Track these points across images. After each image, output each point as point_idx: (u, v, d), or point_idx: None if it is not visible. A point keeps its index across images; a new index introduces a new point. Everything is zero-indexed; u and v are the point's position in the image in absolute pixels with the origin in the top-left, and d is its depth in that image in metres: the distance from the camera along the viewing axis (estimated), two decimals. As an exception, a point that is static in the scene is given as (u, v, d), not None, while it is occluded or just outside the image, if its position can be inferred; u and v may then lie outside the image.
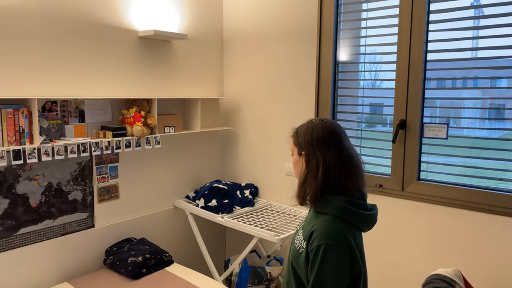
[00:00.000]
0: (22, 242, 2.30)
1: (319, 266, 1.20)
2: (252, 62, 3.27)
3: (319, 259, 1.21)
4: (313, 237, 1.25)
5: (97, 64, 2.56)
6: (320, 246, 1.21)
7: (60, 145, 2.24)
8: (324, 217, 1.28)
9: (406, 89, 2.50)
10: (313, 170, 1.32)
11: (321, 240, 1.22)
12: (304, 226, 1.38)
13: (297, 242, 1.36)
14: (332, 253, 1.20)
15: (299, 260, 1.31)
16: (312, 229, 1.27)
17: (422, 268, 2.54)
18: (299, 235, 1.38)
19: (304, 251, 1.29)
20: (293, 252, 1.36)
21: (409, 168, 2.53)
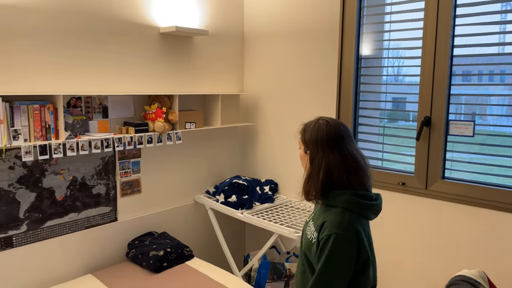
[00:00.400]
0: (49, 234, 2.37)
1: (328, 253, 1.29)
2: (273, 58, 3.25)
3: (328, 247, 1.29)
4: (323, 228, 1.35)
5: (120, 60, 2.60)
6: (330, 235, 1.30)
7: (84, 140, 2.29)
8: (334, 210, 1.37)
9: (431, 85, 2.44)
10: (315, 170, 1.40)
11: (331, 230, 1.31)
12: (314, 218, 1.47)
13: (309, 233, 1.44)
14: (341, 242, 1.29)
15: (312, 250, 1.39)
16: (323, 220, 1.37)
17: (445, 269, 2.49)
18: (310, 226, 1.46)
19: (316, 241, 1.37)
20: (306, 243, 1.44)
21: (433, 166, 2.48)
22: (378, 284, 2.79)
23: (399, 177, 2.63)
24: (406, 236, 2.63)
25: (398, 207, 2.65)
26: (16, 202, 2.22)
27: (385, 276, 2.76)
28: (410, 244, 2.62)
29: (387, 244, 2.73)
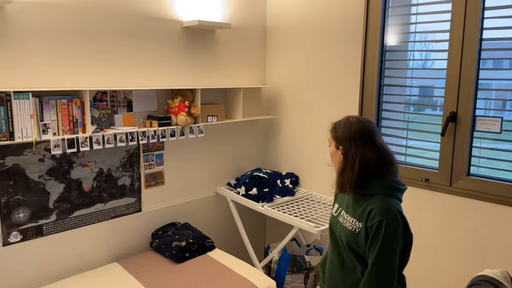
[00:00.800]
0: (76, 223, 2.47)
1: (383, 236, 1.41)
2: (295, 51, 3.23)
3: (382, 231, 1.42)
4: (371, 215, 1.45)
5: (143, 55, 2.64)
6: (381, 221, 1.42)
7: (110, 134, 2.35)
8: (376, 197, 1.48)
9: (457, 80, 2.37)
10: (350, 163, 1.52)
11: (381, 215, 1.43)
12: (348, 210, 1.57)
13: (348, 225, 1.53)
14: (392, 224, 1.43)
15: (359, 239, 1.49)
16: (369, 208, 1.47)
17: (468, 268, 2.45)
18: (346, 218, 1.56)
19: (363, 230, 1.48)
20: (348, 234, 1.52)
21: (458, 163, 2.42)
22: (398, 279, 2.78)
23: (422, 172, 2.58)
24: (428, 233, 2.60)
25: (421, 204, 2.61)
26: (46, 192, 2.32)
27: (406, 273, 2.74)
28: (432, 242, 2.58)
29: (408, 240, 2.70)
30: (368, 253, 1.47)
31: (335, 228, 1.62)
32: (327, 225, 2.59)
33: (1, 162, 2.15)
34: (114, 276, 2.39)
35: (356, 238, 1.50)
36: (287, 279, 2.94)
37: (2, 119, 1.98)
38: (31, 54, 2.18)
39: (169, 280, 2.33)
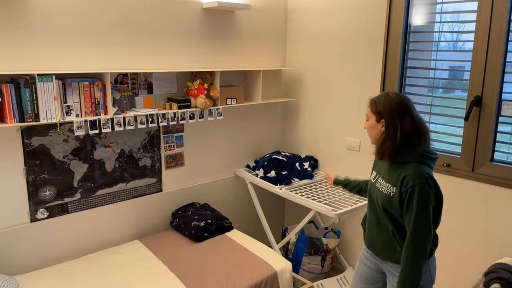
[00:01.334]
0: (100, 202, 2.56)
1: (418, 198, 1.61)
2: (317, 32, 3.17)
3: (416, 194, 1.61)
4: (406, 181, 1.64)
5: (163, 37, 2.66)
6: (415, 185, 1.61)
7: (131, 116, 2.40)
8: (410, 165, 1.67)
9: (484, 63, 2.28)
10: (391, 135, 1.69)
11: (414, 180, 1.62)
12: (385, 177, 1.77)
13: (384, 190, 1.74)
14: (423, 187, 1.61)
15: (393, 202, 1.69)
16: (402, 175, 1.66)
17: (487, 255, 2.41)
18: (382, 183, 1.77)
19: (397, 194, 1.68)
20: (383, 198, 1.73)
21: (481, 148, 2.36)
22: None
23: (444, 158, 2.53)
24: (448, 219, 2.56)
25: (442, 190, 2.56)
26: (71, 172, 2.41)
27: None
28: (453, 228, 2.55)
29: (427, 226, 2.67)
30: (405, 216, 1.66)
31: (373, 193, 1.82)
32: (344, 209, 2.59)
33: (27, 142, 2.24)
34: (136, 253, 2.48)
35: (390, 201, 1.70)
36: (304, 261, 2.98)
37: (28, 101, 2.05)
38: (54, 37, 2.23)
39: (188, 259, 2.40)
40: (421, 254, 1.63)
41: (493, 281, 1.69)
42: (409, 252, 1.64)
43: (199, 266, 2.32)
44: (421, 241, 1.63)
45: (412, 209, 1.63)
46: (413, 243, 1.63)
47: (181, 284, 2.14)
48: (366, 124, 1.80)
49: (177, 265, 2.33)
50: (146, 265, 2.33)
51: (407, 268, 1.65)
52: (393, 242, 1.74)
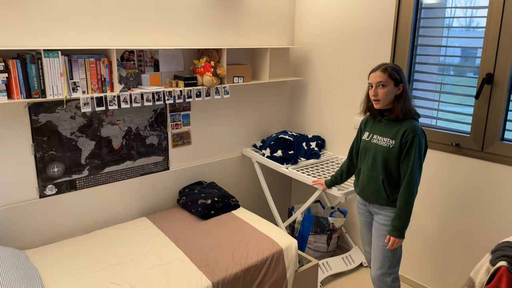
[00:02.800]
0: (107, 179, 2.58)
1: (416, 147, 1.96)
2: (326, 9, 3.10)
3: (415, 144, 1.96)
4: (406, 133, 1.98)
5: (169, 14, 2.62)
6: (414, 136, 1.96)
7: (137, 93, 2.40)
8: (407, 121, 2.01)
9: (497, 39, 2.22)
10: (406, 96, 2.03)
11: (414, 133, 1.97)
12: (382, 133, 2.08)
13: (383, 144, 2.05)
14: (420, 138, 1.98)
15: (392, 152, 2.02)
16: (403, 129, 2.00)
17: (495, 234, 2.39)
18: (379, 139, 2.08)
19: (396, 146, 2.01)
20: (383, 151, 2.05)
21: (492, 127, 2.31)
22: (429, 240, 2.76)
23: (453, 137, 2.50)
24: (457, 198, 2.54)
25: (450, 169, 2.54)
26: (78, 149, 2.43)
27: (432, 235, 2.72)
28: (461, 206, 2.53)
29: (437, 206, 2.66)
30: (403, 162, 2.00)
31: (369, 148, 2.13)
32: (350, 189, 2.58)
33: (35, 119, 2.25)
34: (143, 229, 2.51)
35: (389, 151, 2.03)
36: (310, 239, 2.99)
37: (34, 77, 2.05)
38: (60, 13, 2.21)
39: (194, 235, 2.42)
40: (415, 192, 2.00)
41: (500, 258, 1.68)
42: (407, 190, 1.98)
43: (206, 243, 2.34)
44: (416, 182, 1.99)
45: (410, 156, 1.98)
46: (411, 183, 1.98)
47: (187, 260, 2.17)
48: (382, 91, 2.01)
49: (183, 242, 2.35)
50: (153, 241, 2.36)
51: (403, 202, 2.00)
52: (381, 190, 2.08)
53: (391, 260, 2.14)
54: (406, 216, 2.01)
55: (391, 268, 2.16)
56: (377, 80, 2.01)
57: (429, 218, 2.70)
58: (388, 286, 2.18)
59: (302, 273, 2.44)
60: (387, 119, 2.08)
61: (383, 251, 2.13)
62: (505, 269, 1.60)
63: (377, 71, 2.03)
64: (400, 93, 2.02)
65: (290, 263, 2.34)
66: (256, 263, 2.20)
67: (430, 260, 2.74)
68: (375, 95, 2.03)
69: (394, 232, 2.03)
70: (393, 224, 2.04)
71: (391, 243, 2.05)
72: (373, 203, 2.16)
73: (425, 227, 2.73)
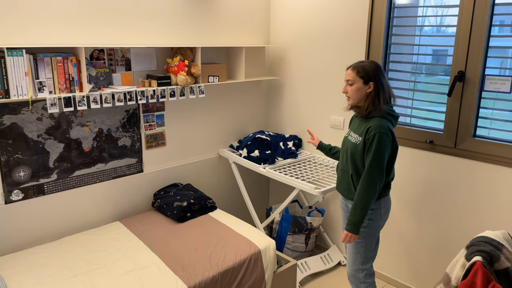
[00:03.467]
0: (78, 183, 2.48)
1: (376, 145, 1.96)
2: (301, 8, 3.10)
3: (375, 141, 1.96)
4: (369, 130, 1.98)
5: (142, 11, 2.55)
6: (376, 134, 1.95)
7: (108, 93, 2.31)
8: (374, 119, 2.01)
9: (468, 37, 2.26)
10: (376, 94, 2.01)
11: (376, 130, 1.96)
12: (355, 130, 2.10)
13: (353, 139, 2.08)
14: (382, 137, 1.96)
15: (358, 148, 2.04)
16: (368, 126, 2.00)
17: (470, 229, 2.44)
18: (352, 135, 2.11)
19: (361, 142, 2.02)
20: (351, 146, 2.07)
21: (464, 124, 2.35)
22: (405, 237, 2.79)
23: (427, 134, 2.53)
24: (431, 195, 2.58)
25: (425, 166, 2.57)
26: (46, 152, 2.32)
27: (407, 232, 2.74)
28: (436, 203, 2.56)
29: (413, 202, 2.68)
30: (366, 157, 2.00)
31: (344, 144, 2.16)
32: (328, 187, 2.57)
33: (-2, 121, 2.14)
34: (116, 234, 2.43)
35: (356, 148, 2.05)
36: (288, 239, 2.97)
37: (-4, 76, 1.94)
38: (25, 10, 2.11)
39: (170, 239, 2.36)
40: (372, 189, 1.99)
41: (475, 253, 1.70)
42: (362, 185, 2.00)
43: (182, 246, 2.28)
44: (373, 178, 1.98)
45: (370, 152, 1.98)
46: (367, 178, 1.99)
47: (163, 264, 2.11)
48: (350, 88, 2.04)
49: (158, 246, 2.29)
50: (127, 246, 2.28)
51: (359, 197, 2.01)
52: (350, 184, 2.10)
53: (363, 256, 2.15)
54: (360, 211, 2.00)
55: (363, 264, 2.17)
56: (347, 78, 2.06)
57: (405, 215, 2.73)
58: (361, 282, 2.19)
59: (281, 274, 2.41)
60: (360, 116, 2.11)
61: (354, 247, 2.15)
62: (480, 264, 1.62)
63: (348, 69, 2.07)
64: (371, 91, 2.02)
65: (268, 264, 2.31)
66: (233, 265, 2.16)
67: (406, 257, 2.77)
68: (345, 92, 2.08)
69: (349, 227, 2.04)
70: (348, 218, 2.05)
71: (344, 236, 2.05)
72: (347, 198, 2.18)
73: (401, 224, 2.76)
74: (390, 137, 1.99)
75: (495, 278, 1.62)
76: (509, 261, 1.70)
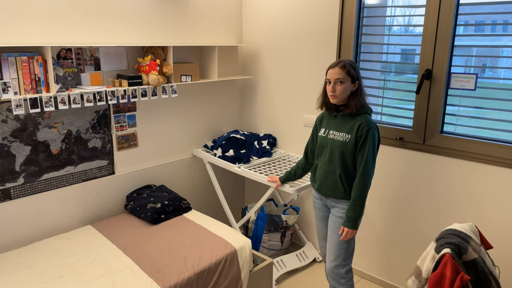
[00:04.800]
0: (46, 187, 2.40)
1: (370, 140, 2.03)
2: (273, 8, 3.11)
3: (369, 137, 2.03)
4: (361, 127, 2.04)
5: (111, 9, 2.49)
6: (369, 130, 2.02)
7: (76, 93, 2.25)
8: (362, 115, 2.07)
9: (434, 36, 2.33)
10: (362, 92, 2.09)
11: (368, 126, 2.03)
12: (337, 128, 2.12)
13: (340, 138, 2.10)
14: (374, 132, 2.05)
15: (347, 147, 2.07)
16: (358, 123, 2.05)
17: (440, 223, 2.51)
18: (336, 134, 2.12)
19: (351, 139, 2.06)
20: (340, 145, 2.09)
21: (432, 121, 2.43)
22: (377, 232, 2.84)
23: (397, 131, 2.59)
24: (402, 190, 2.64)
25: (395, 162, 2.63)
26: (12, 155, 2.23)
27: (380, 227, 2.80)
28: (406, 198, 2.63)
29: (384, 198, 2.74)
30: (358, 155, 2.06)
31: (326, 144, 2.16)
32: (302, 185, 2.59)
33: (-41, 124, 2.04)
34: (88, 238, 2.36)
35: (346, 145, 2.07)
36: (264, 238, 2.98)
37: (-44, 77, 1.85)
38: (-16, 6, 2.02)
39: (144, 242, 2.32)
40: (368, 184, 2.06)
41: (444, 246, 1.75)
42: (361, 182, 2.05)
43: (156, 249, 2.24)
44: (370, 174, 2.06)
45: (365, 149, 2.04)
46: (365, 175, 2.04)
47: (137, 268, 2.07)
48: (340, 87, 2.05)
49: (132, 249, 2.24)
50: (99, 250, 2.23)
51: (358, 194, 2.06)
52: (338, 184, 2.12)
53: (346, 252, 2.19)
54: (360, 207, 2.07)
55: (345, 260, 2.20)
56: (336, 77, 2.04)
57: (377, 210, 2.79)
58: (342, 278, 2.22)
59: (257, 273, 2.42)
60: (342, 114, 2.12)
61: (338, 243, 2.18)
62: (449, 255, 1.68)
63: (336, 67, 2.05)
64: (356, 89, 2.07)
65: (245, 264, 2.31)
66: (209, 266, 2.14)
67: (378, 251, 2.83)
68: (333, 91, 2.06)
69: (348, 223, 2.09)
70: (347, 215, 2.09)
71: (345, 233, 2.10)
72: (330, 197, 2.19)
73: (374, 220, 2.82)
74: (378, 132, 2.09)
75: (463, 269, 1.68)
76: (476, 252, 1.76)
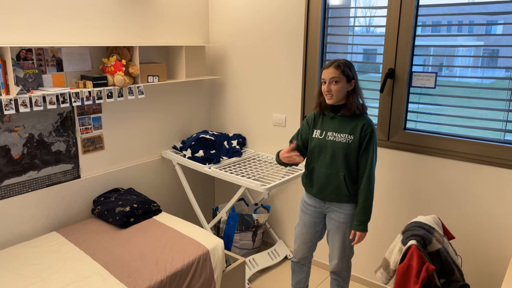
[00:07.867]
0: (7, 193, 2.30)
1: (374, 142, 2.05)
2: (239, 8, 3.11)
3: (373, 138, 2.05)
4: (365, 128, 2.05)
5: (73, 9, 2.41)
6: (372, 130, 2.05)
7: (38, 95, 2.16)
8: (362, 116, 2.08)
9: (396, 37, 2.42)
10: (358, 92, 2.09)
11: (371, 127, 2.05)
12: (335, 129, 2.10)
13: (342, 140, 2.07)
14: (376, 132, 2.07)
15: (350, 148, 2.06)
16: (361, 123, 2.06)
17: (405, 216, 2.61)
18: (336, 135, 2.09)
19: (354, 140, 2.06)
20: (343, 146, 2.06)
21: (395, 118, 2.52)
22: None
23: (363, 129, 2.66)
24: (368, 186, 2.72)
25: (361, 159, 2.71)
26: (-32, 161, 2.12)
27: (348, 224, 2.87)
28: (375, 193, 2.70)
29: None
30: (362, 155, 2.06)
31: (325, 146, 2.11)
32: (273, 183, 2.62)
33: None
34: (53, 245, 2.28)
35: (349, 146, 2.06)
36: (236, 238, 2.98)
37: None
38: None
39: (113, 246, 2.27)
40: (374, 185, 2.08)
41: (410, 238, 1.83)
42: (370, 184, 2.05)
43: (126, 253, 2.20)
44: (374, 175, 2.08)
45: (369, 150, 2.06)
46: (371, 176, 2.06)
47: (107, 273, 2.02)
48: (335, 87, 2.03)
49: (101, 254, 2.18)
50: (67, 257, 2.15)
51: (367, 196, 2.06)
52: (342, 186, 2.09)
53: (349, 252, 2.24)
54: (370, 209, 2.07)
55: (349, 260, 2.27)
56: (331, 76, 2.03)
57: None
58: (345, 277, 2.32)
59: (230, 273, 2.42)
60: (341, 115, 2.10)
61: (343, 245, 2.19)
62: (415, 247, 1.75)
63: (330, 67, 2.04)
64: (352, 89, 2.06)
65: (217, 264, 2.31)
66: (182, 267, 2.12)
67: (349, 246, 2.90)
68: (328, 91, 2.05)
69: (360, 227, 2.07)
70: (358, 219, 2.07)
71: (358, 238, 2.08)
72: (332, 202, 2.15)
73: (343, 216, 2.88)
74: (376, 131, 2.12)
75: (428, 259, 1.76)
76: (440, 242, 1.85)
